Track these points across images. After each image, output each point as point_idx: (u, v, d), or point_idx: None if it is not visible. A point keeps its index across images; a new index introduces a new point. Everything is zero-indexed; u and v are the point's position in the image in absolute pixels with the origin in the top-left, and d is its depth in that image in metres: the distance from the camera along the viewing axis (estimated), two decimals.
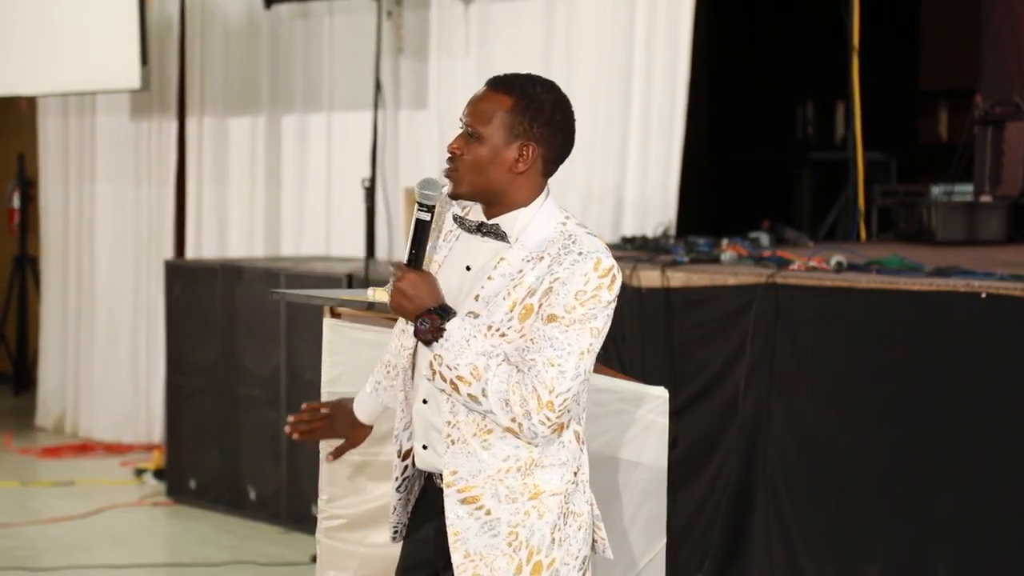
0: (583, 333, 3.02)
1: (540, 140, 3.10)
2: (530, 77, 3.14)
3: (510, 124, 3.08)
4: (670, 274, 5.77)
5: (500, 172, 3.09)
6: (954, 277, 5.20)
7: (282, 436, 7.34)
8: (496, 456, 3.09)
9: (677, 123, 7.17)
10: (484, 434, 3.09)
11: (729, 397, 5.55)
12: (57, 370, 9.96)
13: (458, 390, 3.04)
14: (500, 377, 3.01)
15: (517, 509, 3.10)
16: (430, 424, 3.17)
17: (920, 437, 5.11)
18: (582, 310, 3.01)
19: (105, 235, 9.68)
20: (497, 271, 3.08)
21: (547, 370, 3.00)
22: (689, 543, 5.59)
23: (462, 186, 3.11)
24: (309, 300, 4.75)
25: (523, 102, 3.09)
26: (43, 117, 10.07)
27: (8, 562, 6.78)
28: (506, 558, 3.09)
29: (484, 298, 3.07)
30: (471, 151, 3.09)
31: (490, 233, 3.11)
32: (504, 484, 3.09)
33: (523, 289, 3.04)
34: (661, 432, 3.94)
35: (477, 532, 3.10)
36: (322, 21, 8.69)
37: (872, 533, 5.19)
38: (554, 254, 3.05)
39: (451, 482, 3.11)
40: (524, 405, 3.00)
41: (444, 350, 3.03)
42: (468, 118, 3.10)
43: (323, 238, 8.64)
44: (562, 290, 3.01)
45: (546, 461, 3.11)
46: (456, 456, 3.10)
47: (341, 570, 4.28)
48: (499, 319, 3.05)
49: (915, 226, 7.10)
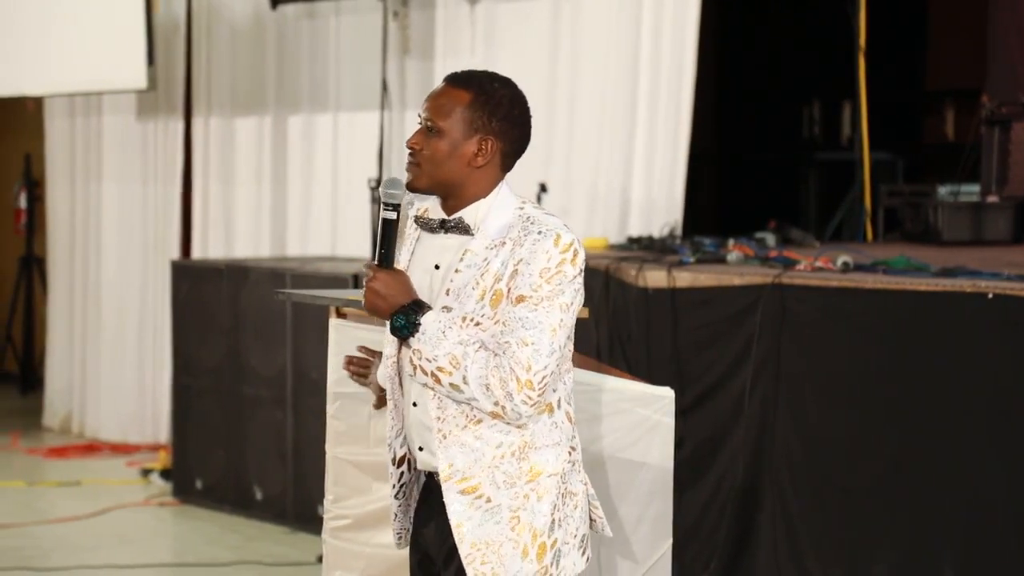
0: (552, 309, 3.06)
1: (499, 134, 3.15)
2: (488, 74, 3.19)
3: (469, 119, 3.13)
4: (676, 274, 5.77)
5: (459, 166, 3.14)
6: (960, 277, 5.19)
7: (288, 436, 7.35)
8: (489, 444, 3.12)
9: (683, 123, 7.16)
10: (474, 424, 3.12)
11: (735, 397, 5.54)
12: (64, 370, 9.97)
13: (439, 381, 3.07)
14: (478, 363, 3.05)
15: (516, 493, 3.13)
16: (423, 425, 3.20)
17: (926, 437, 5.10)
18: (548, 287, 3.05)
19: (112, 235, 9.69)
20: (463, 263, 3.12)
21: (521, 350, 3.04)
22: (695, 543, 5.59)
23: (421, 180, 3.15)
24: (315, 300, 4.75)
25: (481, 97, 3.14)
26: (50, 117, 10.08)
27: (14, 562, 6.79)
28: (511, 543, 3.12)
29: (454, 291, 3.11)
30: (430, 145, 3.14)
31: (454, 228, 3.16)
32: (501, 470, 3.13)
33: (490, 276, 3.09)
34: (667, 432, 3.94)
35: (480, 521, 3.13)
36: (328, 21, 8.69)
37: (878, 533, 5.19)
38: (515, 237, 3.09)
39: (448, 475, 3.14)
40: (504, 387, 3.04)
41: (422, 344, 3.07)
42: (427, 113, 3.15)
43: (329, 238, 8.64)
44: (526, 270, 3.06)
45: (539, 442, 3.15)
46: (450, 449, 3.13)
47: (347, 570, 4.29)
48: (471, 309, 3.09)
49: (921, 226, 7.09)
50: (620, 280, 5.95)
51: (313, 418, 6.89)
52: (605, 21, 7.42)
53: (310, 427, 7.03)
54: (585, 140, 7.49)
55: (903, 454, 5.15)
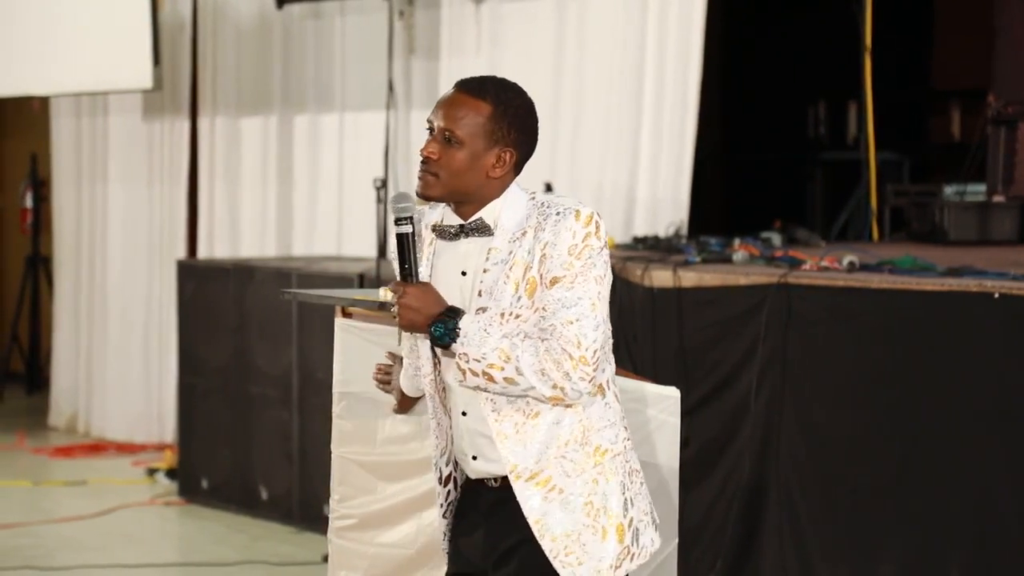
0: (588, 283, 3.07)
1: (516, 145, 3.16)
2: (502, 82, 3.19)
3: (490, 131, 3.13)
4: (682, 274, 5.77)
5: (477, 177, 3.14)
6: (967, 277, 5.18)
7: (294, 436, 7.35)
8: (552, 436, 3.13)
9: (689, 123, 7.16)
10: (532, 419, 3.13)
11: (741, 397, 5.54)
12: (70, 370, 9.98)
13: (493, 379, 3.06)
14: (528, 351, 3.05)
15: (586, 479, 3.15)
16: (476, 432, 3.19)
17: (933, 437, 5.09)
18: (579, 263, 3.06)
19: (117, 235, 9.70)
20: (489, 261, 3.12)
21: (568, 329, 3.04)
22: (701, 543, 5.58)
23: (436, 189, 3.15)
24: (321, 300, 4.75)
25: (501, 108, 3.13)
26: (56, 117, 10.09)
27: (20, 561, 6.80)
28: (590, 530, 3.14)
29: (486, 290, 3.11)
30: (449, 155, 3.13)
31: (474, 231, 3.15)
32: (568, 459, 3.14)
33: (519, 267, 3.09)
34: (673, 432, 3.93)
35: (556, 513, 3.14)
36: (334, 21, 8.70)
37: (885, 534, 5.18)
38: (534, 225, 3.10)
39: (517, 474, 3.14)
40: (560, 368, 3.04)
41: (466, 347, 3.07)
42: (444, 122, 3.13)
43: (335, 238, 8.65)
44: (554, 252, 3.07)
45: (598, 425, 3.17)
46: (514, 450, 3.13)
47: (352, 570, 4.28)
48: (508, 303, 3.09)
49: (928, 226, 7.08)
50: (626, 280, 5.94)
51: (319, 418, 6.89)
52: (611, 21, 7.42)
53: (316, 427, 7.04)
54: (590, 139, 7.49)
55: (909, 454, 5.14)
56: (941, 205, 7.03)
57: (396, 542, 4.21)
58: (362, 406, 4.23)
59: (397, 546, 4.20)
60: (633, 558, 3.19)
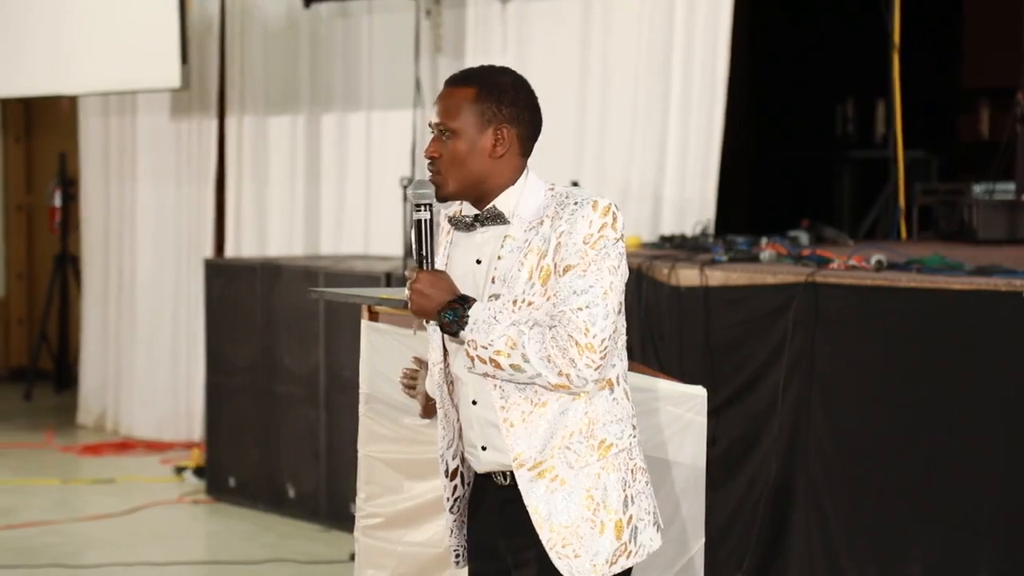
0: (601, 272, 3.06)
1: (511, 120, 3.16)
2: (487, 67, 3.22)
3: (479, 112, 3.14)
4: (709, 273, 5.76)
5: (481, 161, 3.15)
6: (995, 276, 5.16)
7: (321, 434, 7.36)
8: (557, 426, 3.12)
9: (716, 121, 7.14)
10: (540, 408, 3.12)
11: (768, 396, 5.53)
12: (98, 368, 10.02)
13: (499, 366, 3.06)
14: (535, 339, 3.04)
15: (588, 473, 3.13)
16: (486, 422, 3.18)
17: (962, 436, 5.07)
18: (593, 252, 3.06)
19: (146, 234, 9.73)
20: (504, 249, 3.13)
21: (577, 315, 3.04)
22: (728, 542, 5.57)
23: (448, 185, 3.16)
24: (348, 299, 4.76)
25: (485, 88, 3.15)
26: (84, 116, 10.13)
27: (50, 559, 6.82)
28: (588, 523, 3.13)
29: (500, 277, 3.11)
30: (448, 149, 3.14)
31: (489, 219, 3.16)
32: (572, 451, 3.13)
33: (534, 255, 3.09)
34: (700, 431, 3.93)
35: (557, 504, 3.12)
36: (361, 20, 8.70)
37: (914, 534, 5.16)
38: (551, 214, 3.11)
39: (521, 463, 3.13)
40: (565, 354, 3.03)
41: (475, 334, 3.07)
42: (438, 117, 3.16)
43: (362, 237, 8.65)
44: (569, 240, 3.07)
45: (603, 419, 3.15)
46: (519, 438, 3.12)
47: (379, 568, 4.29)
48: (521, 291, 3.09)
49: (956, 225, 7.05)
50: (652, 279, 5.93)
51: (346, 416, 6.90)
52: (637, 19, 7.40)
53: (343, 425, 7.05)
54: (617, 138, 7.48)
55: (938, 453, 5.12)
56: (970, 204, 7.00)
57: (423, 541, 4.21)
58: (388, 405, 4.23)
59: (424, 545, 4.21)
60: (630, 556, 3.17)
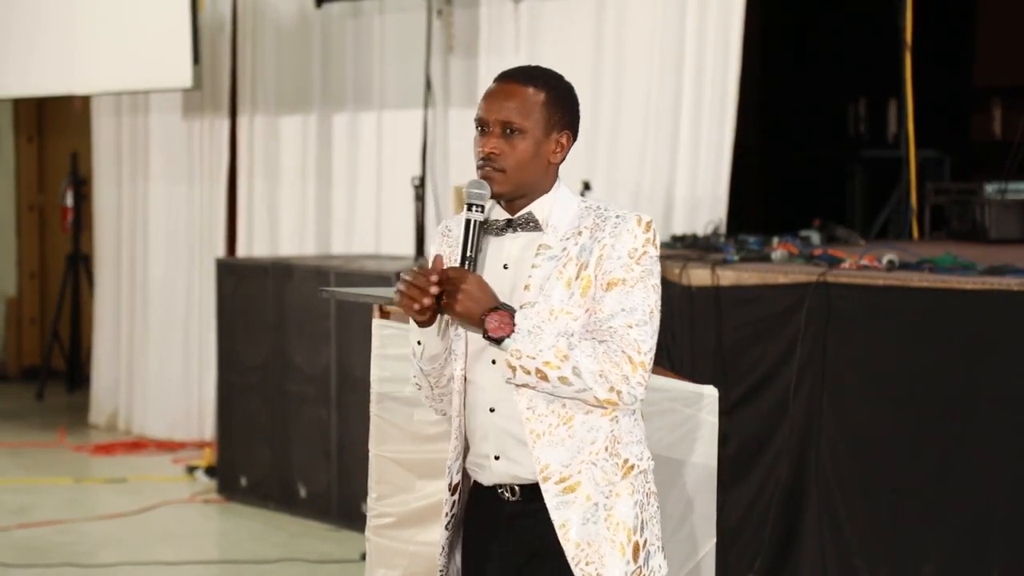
0: (648, 291, 3.04)
1: (571, 127, 3.13)
2: (545, 68, 3.16)
3: (548, 116, 3.09)
4: (720, 272, 5.75)
5: (540, 165, 3.10)
6: (1007, 275, 5.15)
7: (332, 434, 7.37)
8: (584, 441, 3.06)
9: (728, 121, 7.14)
10: (566, 421, 3.05)
11: (780, 396, 5.52)
12: (110, 367, 10.03)
13: (546, 378, 2.98)
14: (586, 352, 2.98)
15: (611, 491, 3.08)
16: (503, 431, 3.09)
17: (973, 436, 5.06)
18: (639, 268, 3.04)
19: (158, 233, 9.74)
20: (540, 258, 3.07)
21: (628, 333, 2.99)
22: (740, 543, 5.57)
23: (506, 185, 3.08)
24: (359, 298, 4.76)
25: (554, 92, 3.11)
26: (97, 116, 10.14)
27: (62, 558, 6.83)
28: (608, 542, 3.07)
29: (536, 286, 3.05)
30: (515, 148, 3.07)
31: (523, 225, 3.10)
32: (598, 467, 3.07)
33: (573, 265, 3.04)
34: (711, 431, 3.92)
35: (582, 520, 3.06)
36: (372, 20, 8.71)
37: (926, 534, 5.15)
38: (590, 225, 3.07)
39: (547, 476, 3.05)
40: (620, 370, 2.98)
41: (520, 343, 2.98)
42: (502, 114, 3.07)
43: (373, 236, 8.66)
44: (613, 254, 3.03)
45: (626, 438, 3.11)
46: (545, 449, 3.05)
47: (390, 568, 4.29)
48: (558, 301, 3.03)
49: (968, 224, 7.03)
50: (664, 278, 5.91)
51: (357, 416, 6.90)
52: (650, 18, 7.40)
53: (354, 425, 7.05)
54: (629, 137, 7.48)
55: (950, 453, 5.11)
56: (982, 203, 6.98)
57: (434, 541, 4.19)
58: (400, 405, 4.23)
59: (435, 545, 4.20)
60: None
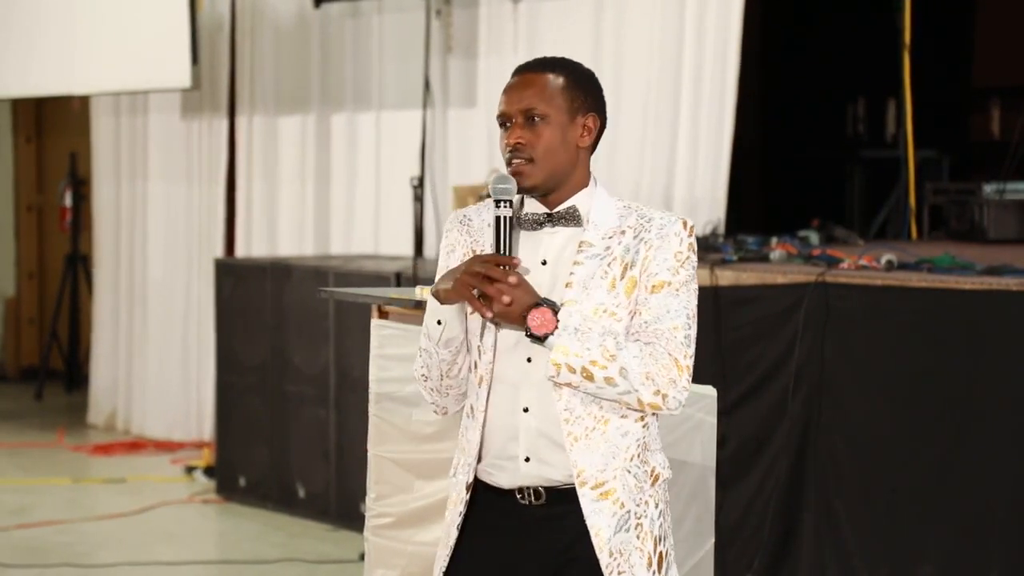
0: (691, 296, 3.02)
1: (596, 110, 3.10)
2: (560, 57, 3.14)
3: (571, 99, 3.05)
4: (719, 272, 5.75)
5: (569, 150, 3.05)
6: (1006, 276, 5.15)
7: (331, 434, 7.37)
8: (619, 446, 2.99)
9: (726, 121, 7.14)
10: (602, 425, 2.98)
11: (778, 396, 5.52)
12: (109, 368, 10.03)
13: (592, 377, 2.92)
14: (633, 353, 2.93)
15: (641, 499, 3.01)
16: (537, 432, 3.00)
17: (972, 437, 5.07)
18: (684, 272, 3.00)
19: (156, 233, 9.74)
20: (583, 255, 3.00)
21: (675, 335, 2.97)
22: (738, 542, 5.57)
23: (537, 175, 3.02)
24: (357, 298, 4.76)
25: (574, 76, 3.08)
26: (95, 116, 10.14)
27: (61, 558, 6.83)
28: (638, 552, 3.00)
29: (578, 283, 2.98)
30: (538, 135, 3.02)
31: (563, 220, 3.04)
32: (632, 474, 3.00)
33: (618, 265, 2.99)
34: (709, 431, 3.93)
35: (615, 529, 2.98)
36: (371, 20, 8.71)
37: (925, 534, 5.15)
38: (634, 225, 3.02)
39: (583, 480, 2.97)
40: (668, 374, 2.94)
41: (566, 340, 2.92)
42: (524, 103, 3.04)
43: (372, 236, 8.66)
44: (659, 256, 2.99)
45: (654, 445, 3.07)
46: (582, 454, 2.97)
47: (389, 568, 4.29)
48: (602, 300, 2.97)
49: (967, 224, 7.03)
50: None
51: (356, 416, 6.90)
52: (648, 19, 7.40)
53: (353, 425, 7.05)
54: (628, 138, 7.48)
55: (949, 453, 5.11)
56: (980, 203, 6.98)
57: (433, 541, 4.20)
58: (399, 405, 4.24)
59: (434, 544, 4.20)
60: None
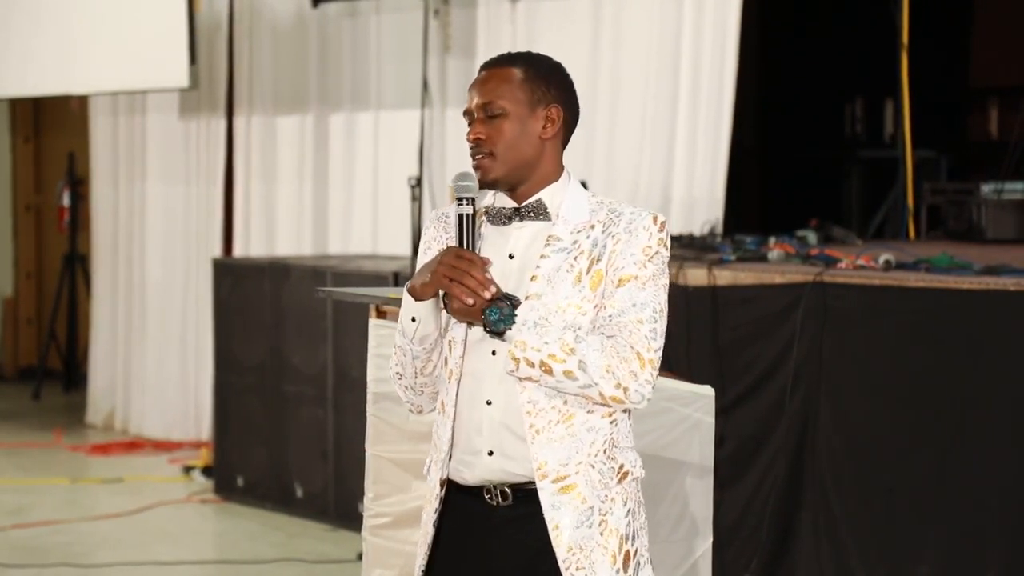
0: (659, 290, 2.98)
1: (560, 101, 3.06)
2: (525, 52, 3.12)
3: (530, 91, 3.03)
4: (717, 272, 5.75)
5: (531, 143, 3.03)
6: (1004, 275, 5.16)
7: (329, 434, 7.37)
8: (583, 441, 2.98)
9: (724, 121, 7.14)
10: (566, 419, 2.97)
11: (776, 396, 5.52)
12: (107, 368, 10.03)
13: (550, 371, 2.91)
14: (594, 346, 2.91)
15: (606, 495, 2.99)
16: (500, 425, 2.99)
17: (970, 436, 5.07)
18: (652, 266, 2.98)
19: (155, 233, 9.74)
20: (549, 248, 3.00)
21: (638, 329, 2.93)
22: (736, 542, 5.57)
23: (497, 169, 3.02)
24: (355, 298, 4.76)
25: (532, 69, 3.05)
26: (94, 116, 10.14)
27: (59, 558, 6.83)
28: (600, 549, 2.97)
29: (544, 276, 2.98)
30: (497, 129, 3.02)
31: (530, 214, 3.04)
32: (596, 469, 2.98)
33: (584, 258, 2.98)
34: (707, 431, 3.93)
35: (575, 523, 2.96)
36: (369, 20, 8.71)
37: (923, 533, 5.16)
38: (604, 220, 3.01)
39: (545, 474, 2.96)
40: (628, 366, 2.91)
41: (525, 334, 2.92)
42: (483, 98, 3.03)
43: (370, 236, 8.66)
44: (627, 250, 2.97)
45: (623, 443, 3.04)
46: (543, 447, 2.96)
47: (387, 568, 4.29)
48: (567, 293, 2.97)
49: (965, 224, 7.04)
50: None
51: (354, 416, 6.89)
52: (647, 18, 7.41)
53: (351, 425, 7.05)
54: (626, 137, 7.48)
55: (946, 453, 5.11)
56: (978, 203, 6.99)
57: None
58: (396, 405, 4.23)
59: None
60: None
